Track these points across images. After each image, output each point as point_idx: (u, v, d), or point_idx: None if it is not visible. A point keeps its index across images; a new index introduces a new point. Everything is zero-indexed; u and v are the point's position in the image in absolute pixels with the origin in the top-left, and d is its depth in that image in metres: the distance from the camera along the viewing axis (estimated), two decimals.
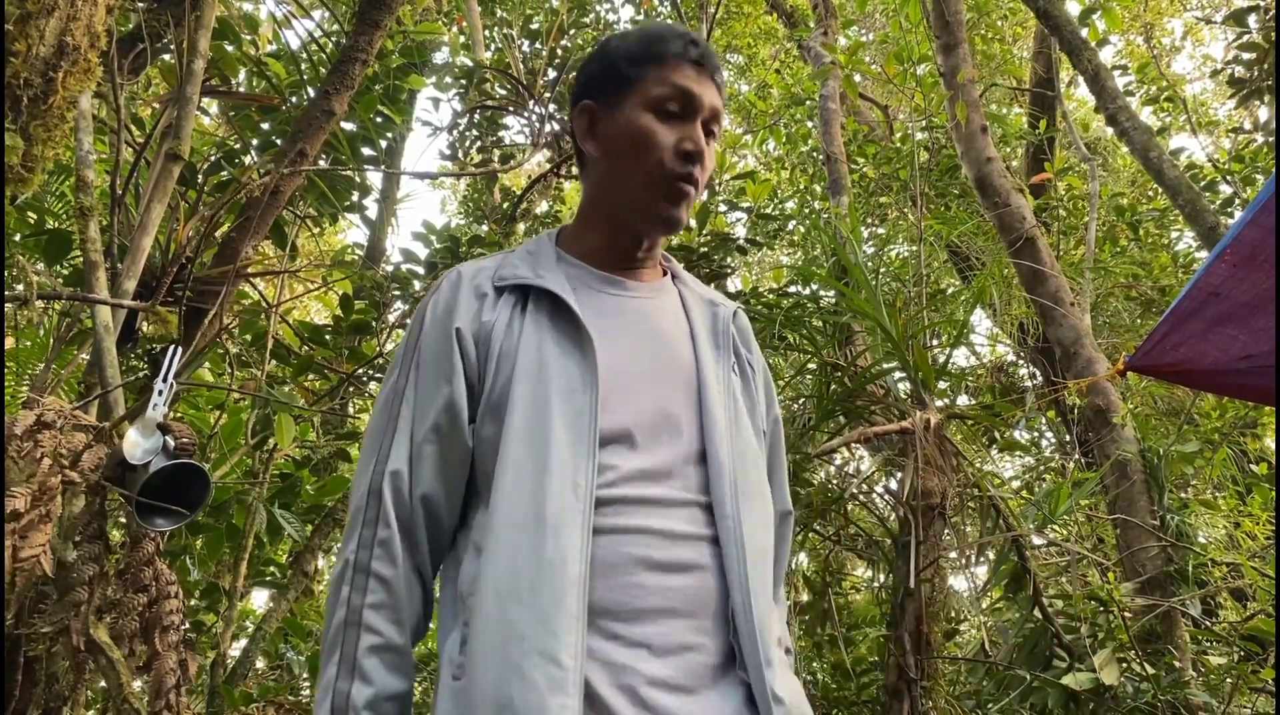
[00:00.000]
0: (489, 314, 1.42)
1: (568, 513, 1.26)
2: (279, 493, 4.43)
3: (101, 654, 2.27)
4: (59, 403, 2.36)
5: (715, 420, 1.40)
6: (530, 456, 1.30)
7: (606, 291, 1.49)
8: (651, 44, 1.48)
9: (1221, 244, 2.57)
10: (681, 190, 1.46)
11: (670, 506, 1.33)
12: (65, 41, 2.70)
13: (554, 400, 1.33)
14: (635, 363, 1.42)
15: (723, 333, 1.52)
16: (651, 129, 1.44)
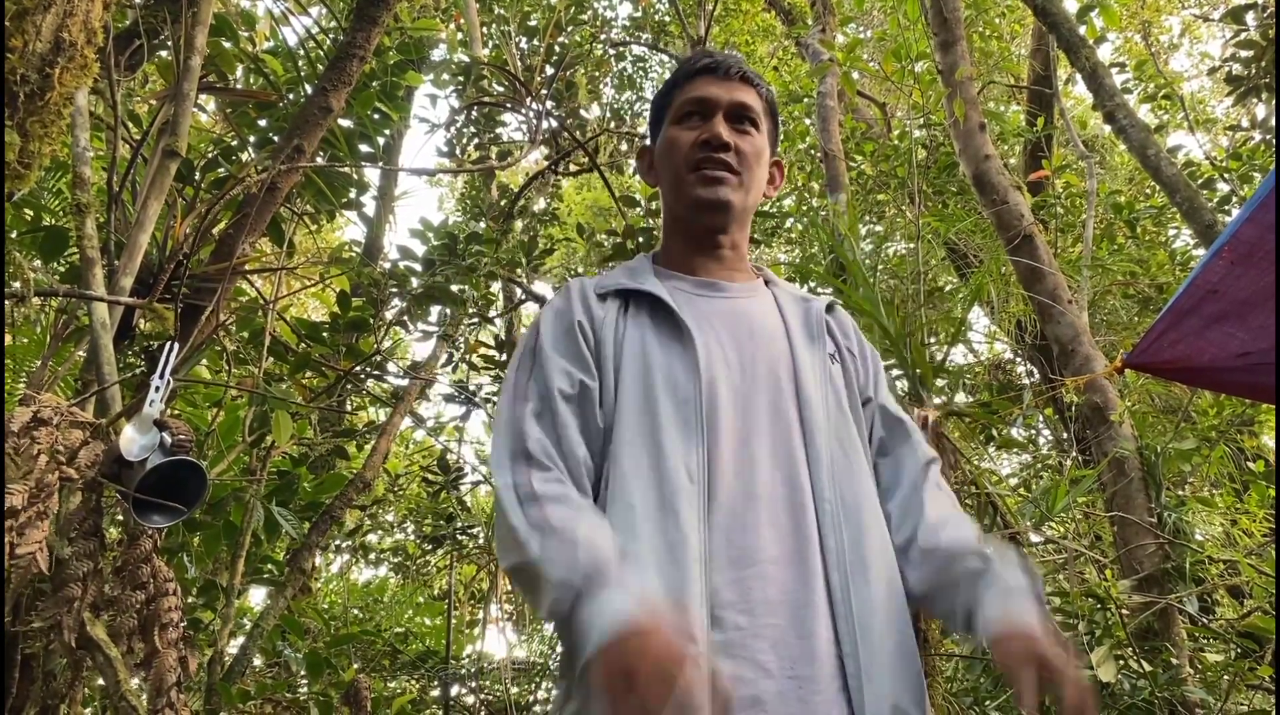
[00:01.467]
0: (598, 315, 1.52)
1: (684, 495, 1.31)
2: (276, 490, 4.43)
3: (98, 651, 2.27)
4: (56, 399, 2.35)
5: (813, 410, 1.46)
6: (643, 441, 1.37)
7: (702, 294, 1.58)
8: (675, 73, 1.68)
9: (1219, 241, 2.57)
10: (707, 175, 1.57)
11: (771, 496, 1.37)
12: (62, 37, 2.69)
13: (660, 391, 1.41)
14: (734, 356, 1.48)
15: (816, 324, 1.59)
16: (675, 136, 1.61)
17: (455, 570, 7.72)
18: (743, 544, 1.32)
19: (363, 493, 5.35)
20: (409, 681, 7.21)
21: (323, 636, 5.63)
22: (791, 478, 1.40)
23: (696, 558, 1.27)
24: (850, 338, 1.67)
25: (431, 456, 7.92)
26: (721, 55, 1.65)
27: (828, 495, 1.39)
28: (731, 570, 1.30)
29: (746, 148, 1.59)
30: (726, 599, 1.28)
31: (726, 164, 1.57)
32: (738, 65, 1.63)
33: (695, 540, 1.28)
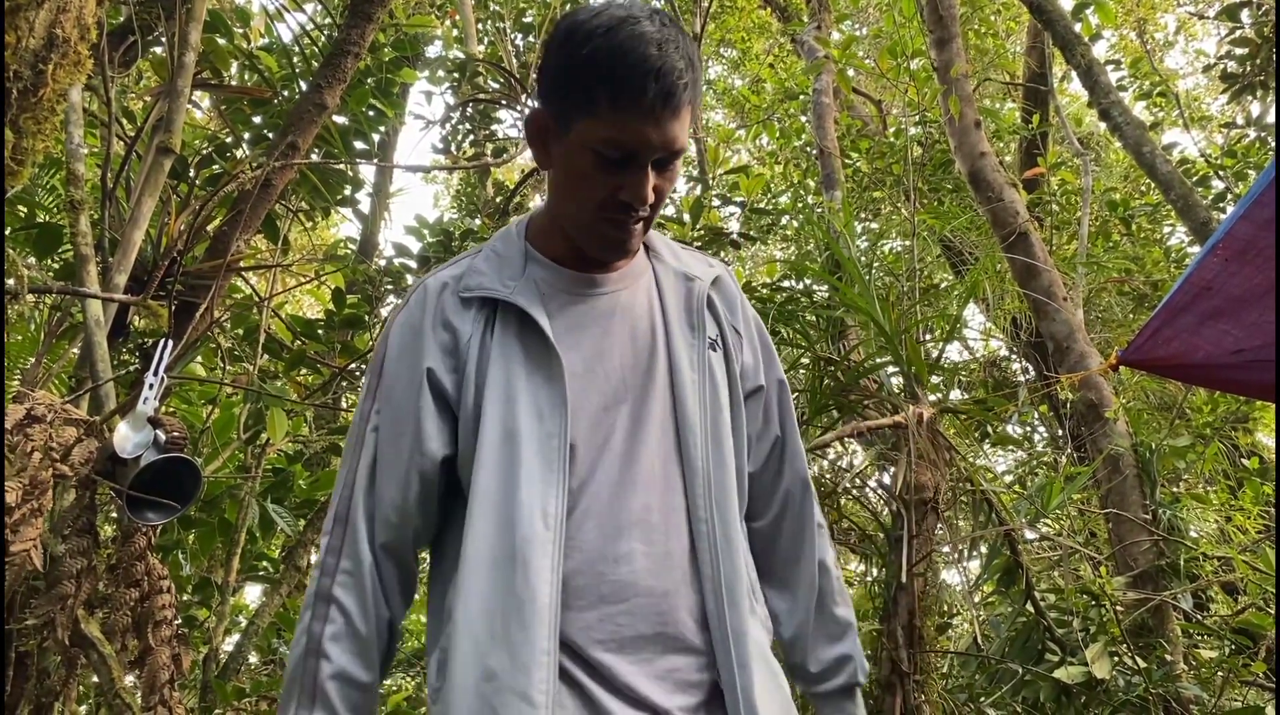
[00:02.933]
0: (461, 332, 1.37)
1: (537, 543, 1.23)
2: (271, 487, 4.42)
3: (92, 649, 2.27)
4: (49, 397, 2.35)
5: (689, 416, 1.36)
6: (499, 487, 1.28)
7: (577, 292, 1.42)
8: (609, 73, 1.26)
9: (1214, 239, 2.57)
10: (616, 236, 1.37)
11: (645, 521, 1.30)
12: (55, 34, 2.68)
13: (523, 425, 1.29)
14: (608, 375, 1.37)
15: (697, 311, 1.44)
16: (588, 174, 1.32)
17: None
18: (615, 579, 1.26)
19: None
20: (404, 679, 7.21)
21: None
22: (667, 500, 1.32)
23: (545, 613, 1.21)
24: (737, 313, 1.52)
25: None
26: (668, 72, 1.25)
27: (702, 515, 1.31)
28: (603, 606, 1.25)
29: (664, 186, 1.35)
30: (596, 638, 1.24)
31: (642, 218, 1.36)
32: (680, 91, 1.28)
33: (545, 592, 1.22)
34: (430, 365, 1.35)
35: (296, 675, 1.28)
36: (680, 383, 1.38)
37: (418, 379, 1.35)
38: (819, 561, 1.49)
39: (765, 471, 1.52)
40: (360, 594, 1.31)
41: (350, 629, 1.29)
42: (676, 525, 1.32)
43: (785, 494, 1.52)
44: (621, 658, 1.24)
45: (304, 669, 1.28)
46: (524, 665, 1.19)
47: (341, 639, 1.29)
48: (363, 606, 1.31)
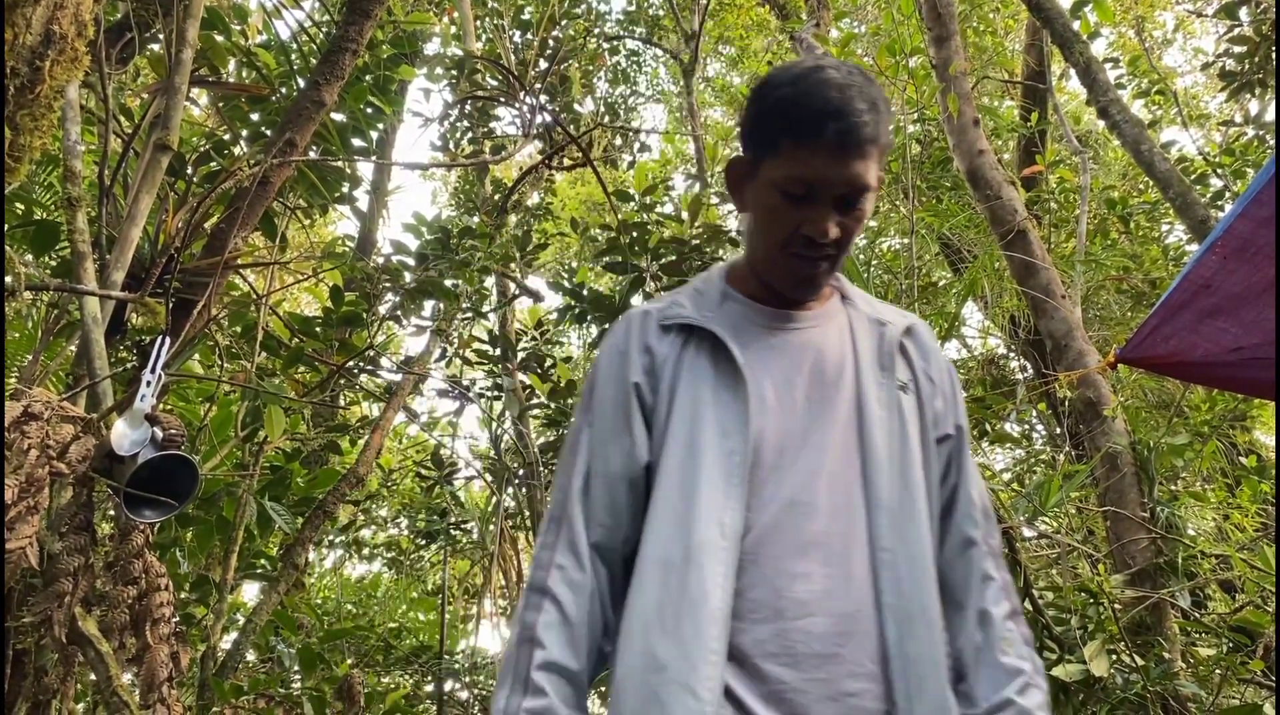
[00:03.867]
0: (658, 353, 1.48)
1: (712, 550, 1.30)
2: (269, 485, 4.42)
3: (90, 646, 2.26)
4: (47, 394, 2.34)
5: (876, 448, 1.39)
6: (680, 495, 1.35)
7: (771, 326, 1.50)
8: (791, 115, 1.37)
9: (1212, 237, 2.57)
10: (803, 272, 1.45)
11: (826, 545, 1.33)
12: (52, 30, 2.67)
13: (707, 440, 1.37)
14: (794, 403, 1.42)
15: (888, 353, 1.49)
16: (775, 209, 1.42)
17: (449, 565, 7.71)
18: (792, 596, 1.29)
19: (356, 488, 5.35)
20: (402, 677, 7.21)
21: (316, 632, 5.62)
22: (849, 526, 1.35)
23: (716, 615, 1.26)
24: (930, 361, 1.55)
25: (425, 452, 7.91)
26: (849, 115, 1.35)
27: (886, 544, 1.34)
28: (777, 621, 1.28)
29: (851, 228, 1.43)
30: (769, 650, 1.27)
31: (827, 257, 1.44)
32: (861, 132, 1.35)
33: (717, 597, 1.27)
34: (636, 381, 1.47)
35: (510, 663, 1.35)
36: (868, 418, 1.42)
37: (626, 393, 1.46)
38: (979, 611, 1.44)
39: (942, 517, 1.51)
40: (574, 587, 1.37)
41: (563, 618, 1.35)
42: (858, 553, 1.34)
43: (955, 542, 1.50)
44: (796, 673, 1.26)
45: (518, 656, 1.34)
46: (692, 661, 1.24)
47: (554, 628, 1.35)
48: (576, 599, 1.37)
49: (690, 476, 1.35)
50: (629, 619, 1.34)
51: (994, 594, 1.45)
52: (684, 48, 9.44)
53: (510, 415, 5.97)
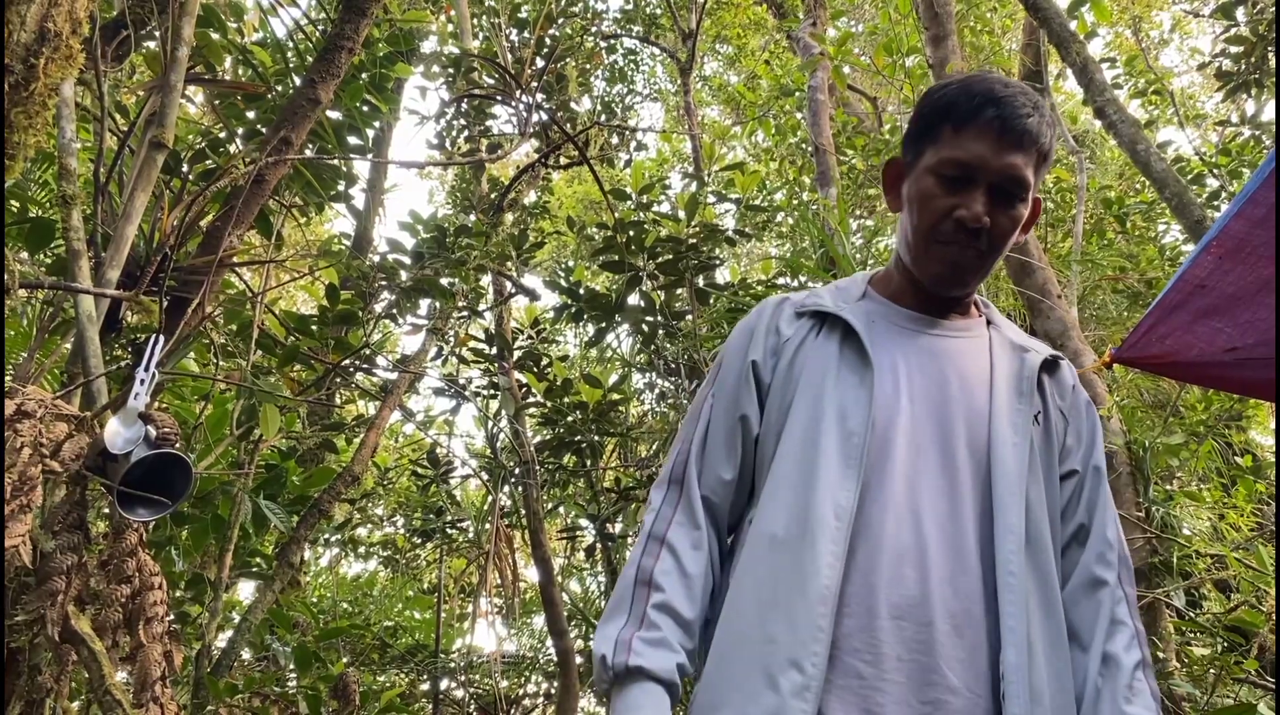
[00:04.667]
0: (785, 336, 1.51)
1: (825, 529, 1.30)
2: (264, 484, 4.41)
3: (84, 645, 2.26)
4: (40, 392, 2.34)
5: (1005, 469, 1.36)
6: (798, 473, 1.36)
7: (907, 327, 1.50)
8: (953, 100, 1.43)
9: (1208, 237, 2.57)
10: (956, 258, 1.44)
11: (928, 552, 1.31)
12: (47, 27, 2.67)
13: (828, 421, 1.38)
14: (920, 398, 1.41)
15: (1027, 379, 1.46)
16: (930, 194, 1.44)
17: (445, 564, 7.71)
18: (886, 593, 1.28)
19: (352, 486, 5.34)
20: (398, 675, 7.21)
21: (311, 630, 5.62)
22: (960, 538, 1.32)
23: (825, 594, 1.26)
24: (1067, 399, 1.53)
25: (421, 450, 7.90)
26: (1010, 105, 1.40)
27: (1013, 570, 1.30)
28: (867, 617, 1.27)
29: (1003, 224, 1.43)
30: (853, 645, 1.26)
31: (976, 247, 1.43)
32: (1022, 123, 1.39)
33: (827, 576, 1.27)
34: (755, 358, 1.51)
35: (625, 600, 1.37)
36: (999, 439, 1.39)
37: (744, 368, 1.51)
38: (1104, 654, 1.38)
39: (1063, 555, 1.46)
40: (693, 539, 1.42)
41: (680, 568, 1.39)
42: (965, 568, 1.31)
43: (1081, 580, 1.44)
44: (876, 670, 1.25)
45: (634, 596, 1.37)
46: (800, 637, 1.25)
47: (672, 575, 1.38)
48: (695, 549, 1.41)
49: (809, 455, 1.36)
50: (739, 590, 1.35)
51: (1124, 640, 1.38)
52: (681, 46, 9.44)
53: (506, 414, 5.97)
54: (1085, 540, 1.46)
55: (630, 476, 6.05)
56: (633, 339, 5.65)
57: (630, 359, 6.23)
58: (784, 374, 1.47)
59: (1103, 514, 1.49)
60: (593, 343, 5.60)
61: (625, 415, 5.72)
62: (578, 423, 5.31)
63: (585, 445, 5.35)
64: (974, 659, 1.27)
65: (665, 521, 1.43)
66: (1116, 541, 1.47)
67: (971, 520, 1.34)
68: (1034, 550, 1.34)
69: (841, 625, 1.27)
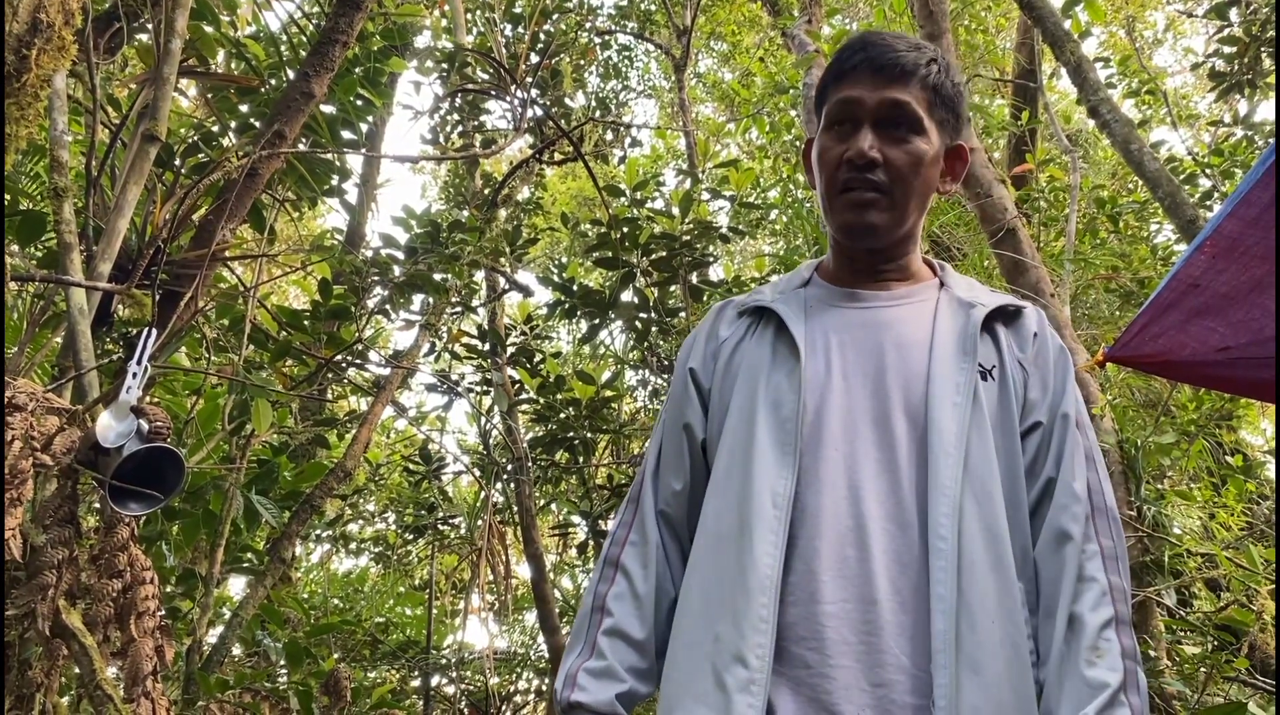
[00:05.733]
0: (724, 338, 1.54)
1: (763, 519, 1.30)
2: (256, 479, 4.40)
3: (74, 640, 2.25)
4: (31, 385, 2.32)
5: (940, 429, 1.32)
6: (735, 466, 1.37)
7: (844, 305, 1.50)
8: (832, 62, 1.50)
9: (1201, 236, 2.57)
10: (851, 199, 1.43)
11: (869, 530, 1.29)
12: (39, 19, 2.65)
13: (760, 411, 1.38)
14: (854, 373, 1.40)
15: (971, 336, 1.41)
16: (824, 147, 1.48)
17: (436, 560, 7.71)
18: (828, 578, 1.26)
19: (343, 482, 5.33)
20: (389, 671, 7.20)
21: (303, 626, 5.60)
22: (900, 511, 1.29)
23: (765, 583, 1.26)
24: (1029, 349, 1.46)
25: (413, 446, 7.89)
26: (877, 46, 1.43)
27: (944, 533, 1.25)
28: (810, 604, 1.25)
29: (899, 159, 1.40)
30: (799, 634, 1.25)
31: (873, 184, 1.41)
32: (893, 56, 1.41)
33: (766, 566, 1.26)
34: (693, 366, 1.54)
35: (581, 629, 1.42)
36: (936, 401, 1.34)
37: (684, 377, 1.54)
38: (1069, 615, 1.28)
39: (1034, 513, 1.39)
40: (644, 561, 1.44)
41: (631, 590, 1.42)
42: (908, 541, 1.28)
43: (1046, 538, 1.36)
44: (823, 658, 1.24)
45: (588, 624, 1.41)
46: (742, 630, 1.25)
47: (623, 599, 1.42)
48: (645, 572, 1.43)
49: (745, 448, 1.37)
50: (688, 591, 1.37)
51: (1092, 597, 1.29)
52: (676, 43, 9.43)
53: (499, 410, 5.96)
54: (1051, 492, 1.38)
55: (623, 474, 6.05)
56: (626, 336, 5.65)
57: (623, 356, 6.23)
58: (721, 376, 1.49)
59: (1070, 463, 1.38)
60: (586, 339, 5.59)
61: (618, 412, 5.72)
62: (570, 419, 5.31)
63: (578, 442, 5.35)
64: (918, 632, 1.23)
65: (619, 545, 1.47)
66: (1086, 493, 1.37)
67: (910, 490, 1.30)
68: (982, 511, 1.29)
69: (786, 614, 1.26)
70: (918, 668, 1.22)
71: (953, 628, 1.21)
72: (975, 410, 1.35)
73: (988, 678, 1.21)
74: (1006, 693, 1.23)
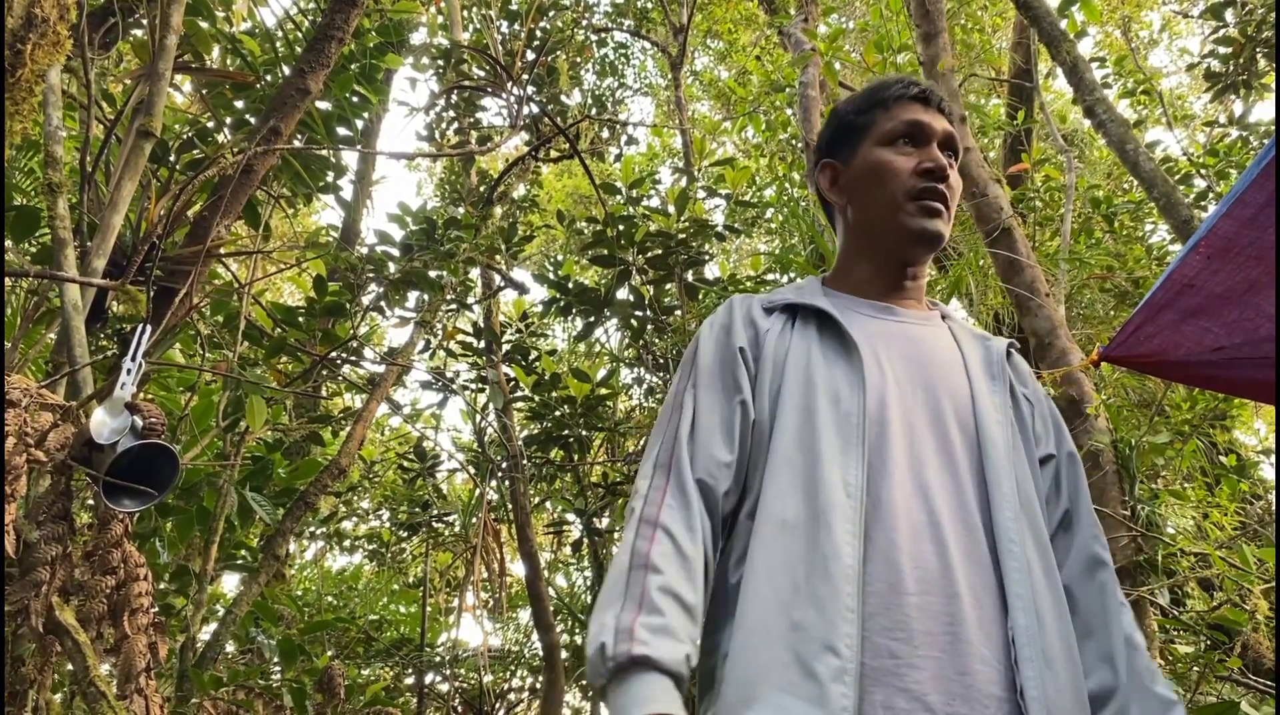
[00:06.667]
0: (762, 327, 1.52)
1: (839, 509, 1.28)
2: (250, 475, 4.40)
3: (67, 636, 2.24)
4: (25, 381, 2.32)
5: (994, 442, 1.39)
6: (801, 458, 1.34)
7: (875, 316, 1.53)
8: (874, 93, 1.61)
9: (1196, 237, 2.58)
10: (930, 206, 1.51)
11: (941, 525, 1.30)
12: (34, 13, 2.64)
13: (821, 404, 1.37)
14: (905, 379, 1.43)
15: (997, 365, 1.51)
16: (889, 159, 1.54)
17: (431, 558, 7.70)
18: (911, 569, 1.26)
19: (338, 479, 5.32)
20: (383, 669, 7.20)
21: (296, 623, 5.60)
22: (965, 512, 1.32)
23: (849, 574, 1.23)
24: (1028, 386, 1.57)
25: (408, 443, 7.89)
26: (926, 84, 1.62)
27: (1013, 536, 1.31)
28: (892, 595, 1.25)
29: (955, 182, 1.55)
30: (882, 625, 1.23)
31: (944, 196, 1.52)
32: (944, 99, 1.61)
33: (848, 555, 1.24)
34: (742, 345, 1.49)
35: (621, 586, 1.26)
36: (984, 416, 1.41)
37: (733, 355, 1.49)
38: (1125, 637, 1.39)
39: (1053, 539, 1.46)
40: (687, 522, 1.34)
41: (678, 551, 1.30)
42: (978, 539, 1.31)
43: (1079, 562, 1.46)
44: (910, 648, 1.22)
45: (630, 580, 1.27)
46: (830, 619, 1.20)
47: (670, 558, 1.29)
48: (689, 532, 1.33)
49: (809, 438, 1.35)
50: (753, 578, 1.28)
51: (1131, 622, 1.41)
52: (672, 41, 9.43)
53: (494, 408, 5.95)
54: (1073, 525, 1.48)
55: (618, 471, 6.05)
56: (621, 333, 5.65)
57: (619, 353, 6.22)
58: (768, 363, 1.47)
59: (1087, 499, 1.51)
60: (581, 337, 5.59)
61: (613, 410, 5.72)
62: (565, 417, 5.31)
63: (573, 440, 5.35)
64: (993, 627, 1.26)
65: (655, 505, 1.35)
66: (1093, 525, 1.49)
67: (972, 493, 1.34)
68: (1030, 521, 1.35)
69: (867, 604, 1.24)
70: (998, 661, 1.24)
71: (1034, 624, 1.25)
72: (1013, 431, 1.44)
73: (1059, 671, 1.26)
74: (1072, 685, 1.29)
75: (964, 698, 1.20)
